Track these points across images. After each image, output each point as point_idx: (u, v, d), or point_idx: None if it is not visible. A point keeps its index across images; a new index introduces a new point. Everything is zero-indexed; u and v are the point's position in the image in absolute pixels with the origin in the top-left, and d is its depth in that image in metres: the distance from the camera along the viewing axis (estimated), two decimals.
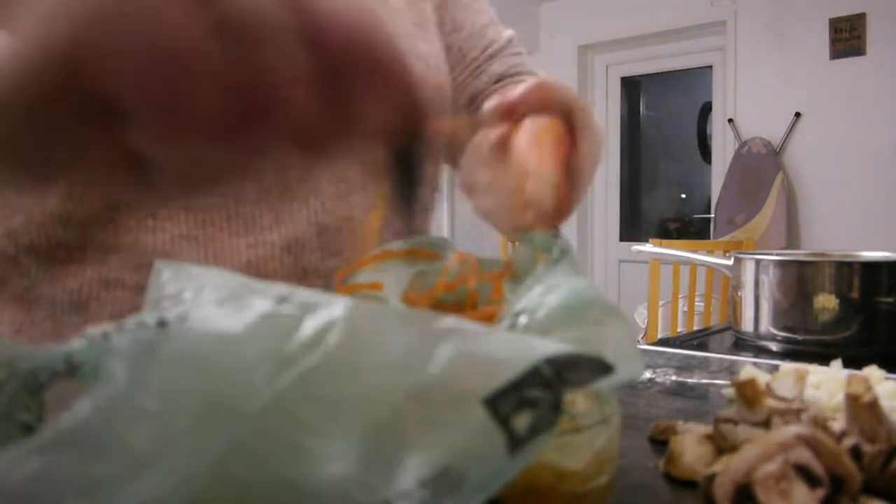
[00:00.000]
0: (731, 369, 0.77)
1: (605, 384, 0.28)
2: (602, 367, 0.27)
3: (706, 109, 4.04)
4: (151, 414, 0.21)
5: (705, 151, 4.06)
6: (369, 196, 0.59)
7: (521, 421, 0.24)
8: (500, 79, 0.71)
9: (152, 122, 0.27)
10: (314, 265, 0.57)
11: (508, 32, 0.74)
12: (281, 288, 0.35)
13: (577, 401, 0.34)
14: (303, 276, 0.56)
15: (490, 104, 0.48)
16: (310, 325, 0.24)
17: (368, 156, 0.51)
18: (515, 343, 0.26)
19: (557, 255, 0.37)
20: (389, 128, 0.32)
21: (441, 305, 0.39)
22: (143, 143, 0.27)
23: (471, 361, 0.25)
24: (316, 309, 0.24)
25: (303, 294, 0.25)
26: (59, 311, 0.54)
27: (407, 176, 0.37)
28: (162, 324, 0.25)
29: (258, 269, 0.55)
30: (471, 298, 0.40)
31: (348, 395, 0.23)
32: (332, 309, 0.24)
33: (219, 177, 0.34)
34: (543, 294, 0.33)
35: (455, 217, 4.30)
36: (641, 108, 4.50)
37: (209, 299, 0.25)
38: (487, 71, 0.71)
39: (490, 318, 0.38)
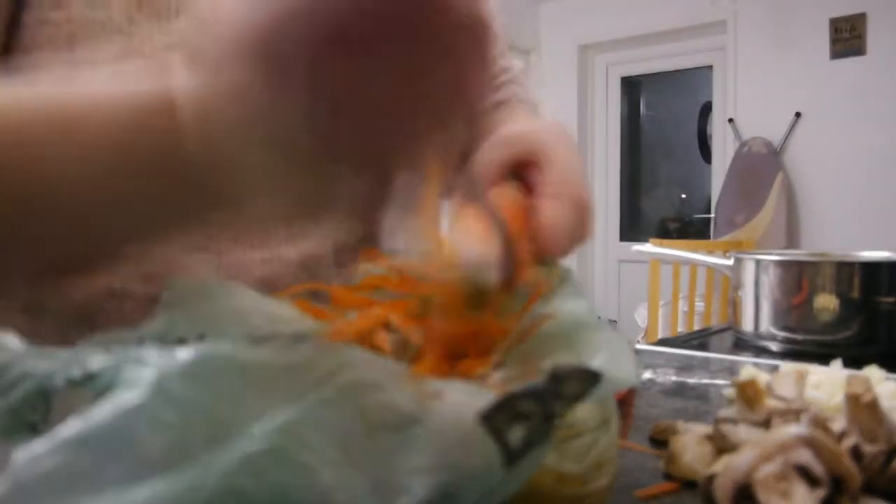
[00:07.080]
0: (731, 369, 0.77)
1: (600, 393, 0.28)
2: (592, 377, 0.27)
3: (706, 109, 4.04)
4: (169, 424, 0.22)
5: (705, 151, 4.06)
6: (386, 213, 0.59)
7: (515, 434, 0.24)
8: (496, 106, 0.72)
9: None
10: (331, 282, 0.56)
11: (516, 64, 0.73)
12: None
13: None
14: (317, 292, 0.56)
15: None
16: (323, 365, 0.25)
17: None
18: None
19: (556, 283, 0.37)
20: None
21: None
22: None
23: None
24: (329, 351, 0.25)
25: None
26: (66, 324, 0.53)
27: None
28: (181, 340, 0.25)
29: (273, 286, 0.54)
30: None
31: (355, 427, 0.24)
32: (344, 353, 0.25)
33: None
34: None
35: None
36: (642, 108, 4.50)
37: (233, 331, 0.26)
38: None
39: (504, 334, 0.38)
